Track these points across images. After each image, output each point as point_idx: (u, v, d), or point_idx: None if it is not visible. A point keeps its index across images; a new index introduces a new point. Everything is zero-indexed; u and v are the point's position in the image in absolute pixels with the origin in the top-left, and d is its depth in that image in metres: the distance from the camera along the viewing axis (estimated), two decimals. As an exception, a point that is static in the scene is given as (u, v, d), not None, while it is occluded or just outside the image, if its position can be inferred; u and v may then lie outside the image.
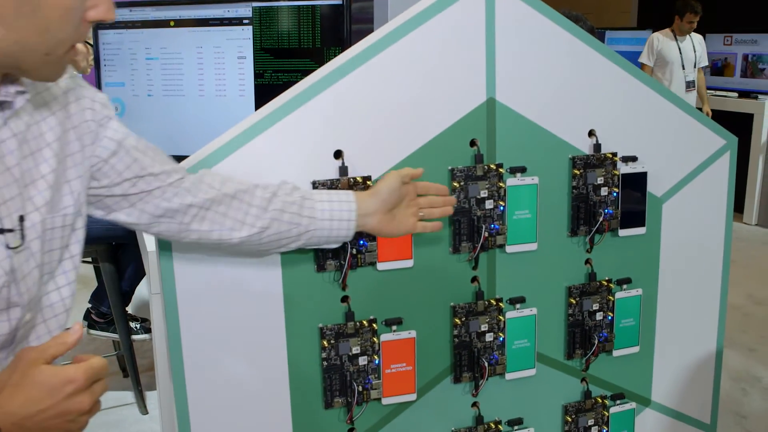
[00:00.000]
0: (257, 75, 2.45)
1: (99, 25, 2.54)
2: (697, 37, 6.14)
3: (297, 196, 1.34)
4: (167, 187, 1.24)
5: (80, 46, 3.72)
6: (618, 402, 1.83)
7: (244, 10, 2.42)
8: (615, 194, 1.71)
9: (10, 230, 1.02)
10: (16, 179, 1.04)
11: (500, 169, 1.60)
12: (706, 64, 6.29)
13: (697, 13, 5.90)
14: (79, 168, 1.14)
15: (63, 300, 1.15)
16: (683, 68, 6.03)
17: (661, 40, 6.08)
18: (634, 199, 1.73)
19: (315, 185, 1.46)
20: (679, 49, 6.03)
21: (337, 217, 1.36)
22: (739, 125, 5.86)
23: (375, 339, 1.56)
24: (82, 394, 0.94)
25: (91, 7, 0.99)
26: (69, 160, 1.13)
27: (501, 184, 1.60)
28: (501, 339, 1.66)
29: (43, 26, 0.94)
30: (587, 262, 1.74)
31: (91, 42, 3.15)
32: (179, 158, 1.46)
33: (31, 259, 1.06)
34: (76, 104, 1.15)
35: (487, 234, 1.60)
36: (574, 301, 1.73)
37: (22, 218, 1.04)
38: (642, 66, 6.07)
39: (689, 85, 6.09)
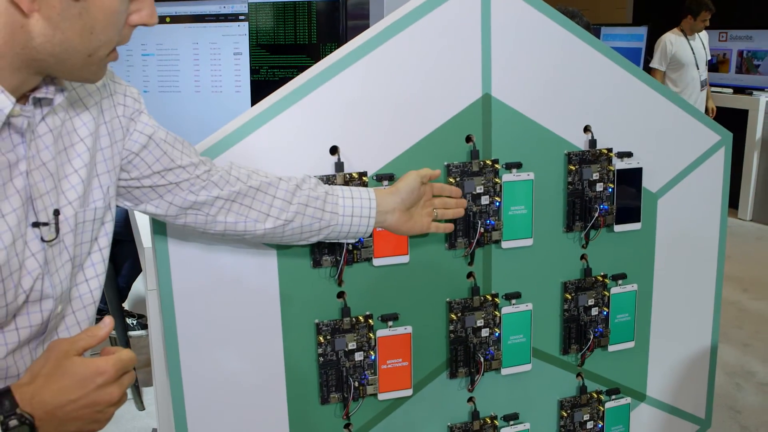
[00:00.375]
0: (253, 71, 2.45)
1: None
2: (703, 34, 6.03)
3: (321, 191, 1.37)
4: (195, 180, 1.26)
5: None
6: (613, 397, 1.84)
7: (240, 6, 2.42)
8: (610, 190, 1.71)
9: (45, 224, 1.05)
10: (51, 174, 1.06)
11: (496, 165, 1.60)
12: (709, 58, 6.22)
13: (712, 11, 5.72)
14: (108, 163, 1.16)
15: (91, 292, 1.17)
16: (697, 68, 5.89)
17: (674, 42, 5.84)
18: (629, 195, 1.74)
19: (311, 181, 1.46)
20: (692, 48, 5.84)
21: (358, 213, 1.40)
22: (733, 121, 5.88)
23: (371, 335, 1.57)
24: (111, 385, 0.97)
25: (135, 11, 1.01)
26: (99, 155, 1.15)
27: (497, 180, 1.61)
28: (497, 334, 1.67)
29: (88, 28, 0.95)
30: (583, 257, 1.74)
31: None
32: (175, 154, 1.46)
33: (65, 252, 1.09)
34: (108, 100, 1.17)
35: (482, 230, 1.61)
36: (569, 297, 1.73)
37: (56, 212, 1.06)
38: (652, 71, 5.82)
39: (703, 84, 5.96)
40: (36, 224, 1.03)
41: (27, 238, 1.02)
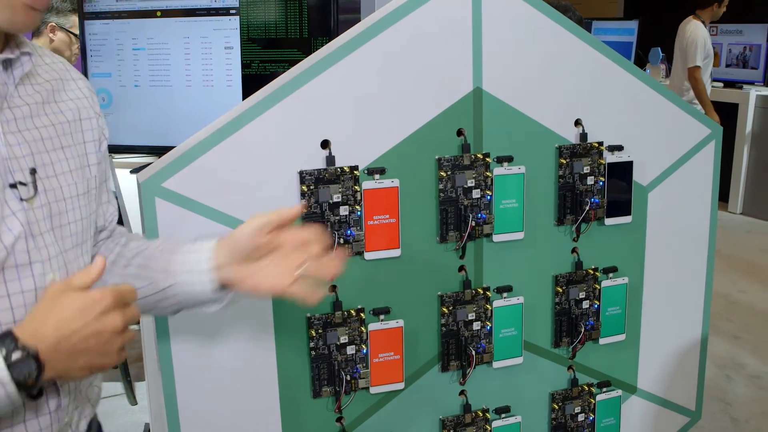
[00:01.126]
0: (244, 65, 2.45)
1: (86, 15, 2.53)
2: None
3: (154, 248, 1.24)
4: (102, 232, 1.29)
5: (64, 35, 3.69)
6: (604, 389, 1.84)
7: (231, 0, 2.42)
8: (601, 183, 1.72)
9: (24, 184, 1.05)
10: (27, 141, 1.07)
11: (487, 159, 1.60)
12: None
13: None
14: (96, 143, 1.20)
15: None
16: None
17: (706, 35, 5.58)
18: (620, 188, 1.75)
19: (302, 175, 1.47)
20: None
21: (194, 268, 1.18)
22: (724, 115, 5.89)
23: (363, 328, 1.57)
24: (112, 312, 0.97)
25: None
26: (87, 134, 1.18)
27: (488, 174, 1.61)
28: (488, 328, 1.67)
29: None
30: (574, 250, 1.75)
31: (76, 32, 3.13)
32: (167, 149, 1.46)
33: (48, 219, 1.09)
34: (75, 82, 1.20)
35: (474, 223, 1.61)
36: (560, 290, 1.74)
37: (33, 171, 1.06)
38: (695, 70, 5.53)
39: (711, 76, 5.83)
40: (13, 185, 1.04)
41: (6, 198, 1.03)
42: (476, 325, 1.66)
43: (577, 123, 1.69)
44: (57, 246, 1.10)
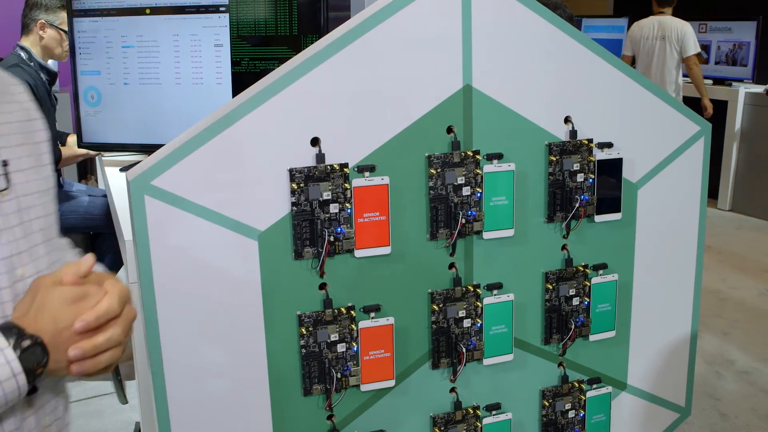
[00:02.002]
0: (234, 63, 2.44)
1: (74, 13, 2.52)
2: None
3: None
4: None
5: (54, 32, 3.67)
6: (594, 386, 1.85)
7: (221, -2, 2.41)
8: (591, 180, 1.72)
9: None
10: None
11: (477, 156, 1.60)
12: None
13: None
14: (47, 143, 1.21)
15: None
16: None
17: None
18: (609, 185, 1.75)
19: (292, 173, 1.46)
20: None
21: None
22: (713, 112, 5.92)
23: (353, 326, 1.57)
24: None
25: None
26: (40, 135, 1.19)
27: (478, 171, 1.61)
28: (478, 325, 1.68)
29: None
30: (564, 247, 1.75)
31: (66, 29, 3.11)
32: (156, 147, 1.46)
33: (16, 214, 1.08)
34: (16, 87, 1.21)
35: (464, 220, 1.61)
36: (550, 287, 1.74)
37: (5, 163, 1.06)
38: (698, 57, 5.71)
39: None
40: None
41: None
42: (466, 323, 1.67)
43: (567, 120, 1.69)
44: (26, 240, 1.09)
